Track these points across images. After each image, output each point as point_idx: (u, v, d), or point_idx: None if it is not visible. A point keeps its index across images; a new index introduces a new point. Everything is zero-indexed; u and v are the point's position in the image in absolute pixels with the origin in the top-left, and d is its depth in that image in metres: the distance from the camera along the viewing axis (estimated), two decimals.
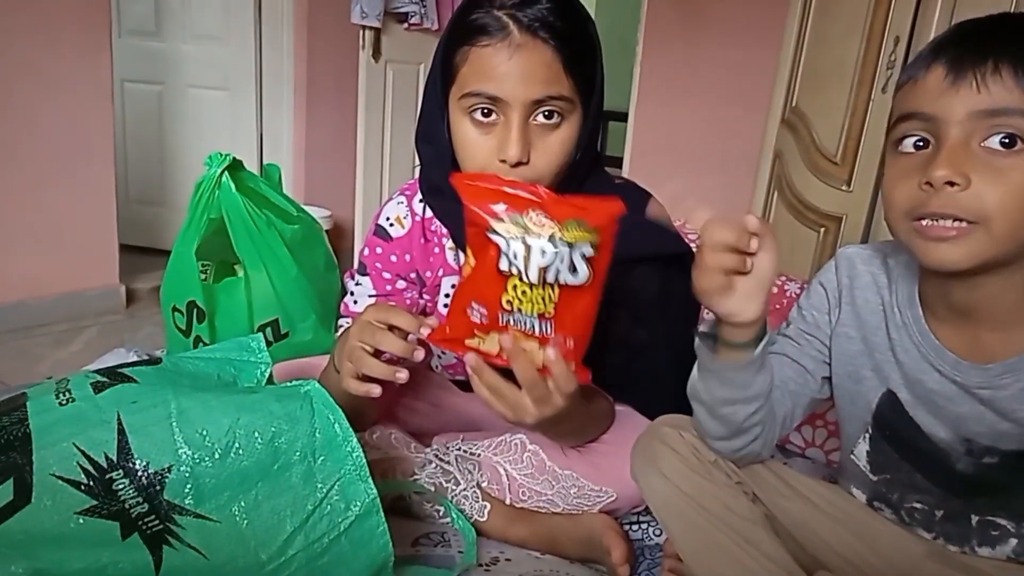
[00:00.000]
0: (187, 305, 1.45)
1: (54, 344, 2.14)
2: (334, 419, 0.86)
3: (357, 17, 2.59)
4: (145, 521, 0.76)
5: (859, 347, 0.91)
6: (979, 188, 0.69)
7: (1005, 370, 0.78)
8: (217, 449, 0.79)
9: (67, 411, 0.79)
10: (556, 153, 0.96)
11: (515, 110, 0.92)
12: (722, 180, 3.02)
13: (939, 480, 0.89)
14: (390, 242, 1.15)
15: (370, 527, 0.86)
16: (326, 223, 2.92)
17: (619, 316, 1.06)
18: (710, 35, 2.95)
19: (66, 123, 2.21)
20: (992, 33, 0.70)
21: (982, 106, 0.69)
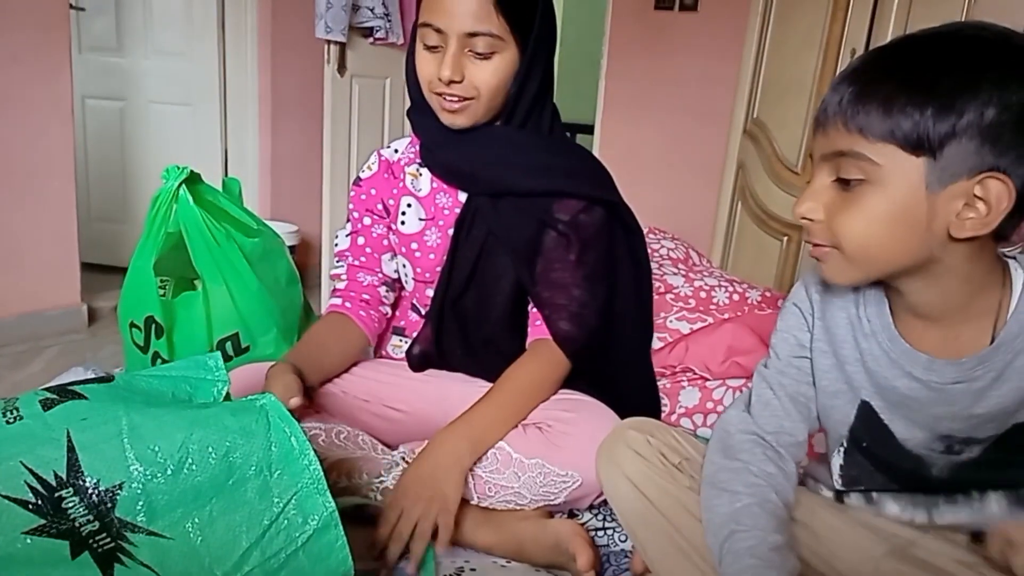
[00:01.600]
0: (145, 321, 1.42)
1: (12, 365, 2.10)
2: (290, 432, 0.84)
3: (322, 32, 2.58)
4: (96, 539, 0.74)
5: (831, 361, 0.93)
6: (826, 224, 0.79)
7: (977, 362, 0.80)
8: (170, 465, 0.77)
9: (14, 429, 0.77)
10: (487, 78, 1.15)
11: (452, 39, 1.12)
12: (687, 191, 3.05)
13: (914, 488, 0.91)
14: (360, 184, 1.36)
15: (329, 541, 0.85)
16: (293, 238, 2.90)
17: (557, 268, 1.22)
18: (672, 49, 2.99)
19: (25, 141, 2.18)
20: (839, 83, 0.77)
21: (825, 149, 0.79)
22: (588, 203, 1.24)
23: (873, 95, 0.73)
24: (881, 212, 0.75)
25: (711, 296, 1.90)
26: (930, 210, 0.73)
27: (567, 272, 1.22)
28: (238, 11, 2.86)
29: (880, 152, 0.73)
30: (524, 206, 1.22)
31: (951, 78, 0.70)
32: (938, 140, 0.70)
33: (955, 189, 0.72)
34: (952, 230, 0.74)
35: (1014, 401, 0.80)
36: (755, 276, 2.40)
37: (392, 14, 2.84)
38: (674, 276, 1.98)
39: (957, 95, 0.69)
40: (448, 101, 1.16)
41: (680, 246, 2.38)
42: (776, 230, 2.55)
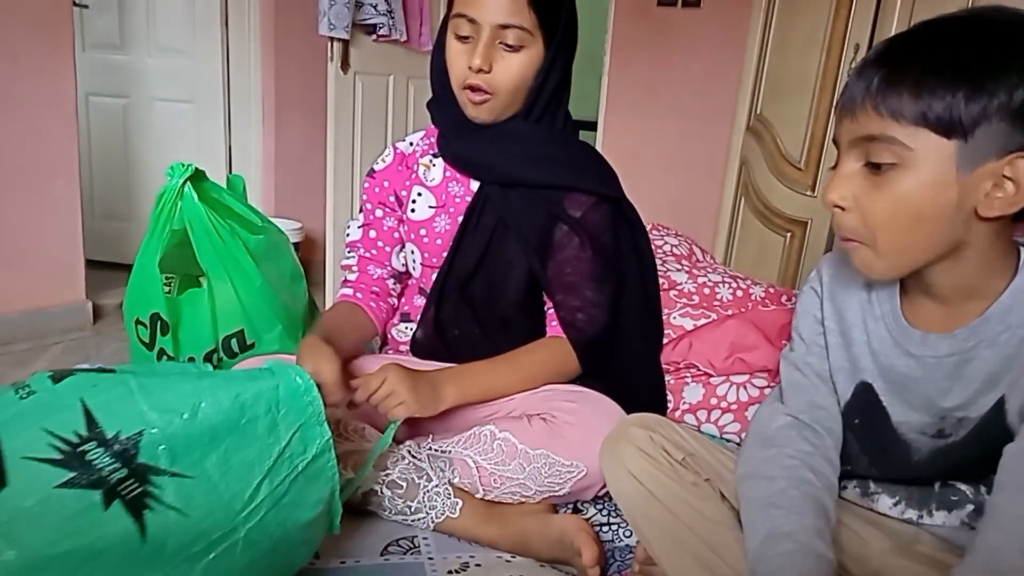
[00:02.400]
0: (151, 317, 1.42)
1: (16, 363, 2.10)
2: (295, 372, 0.93)
3: (325, 29, 2.58)
4: (125, 485, 0.77)
5: (837, 339, 0.95)
6: (857, 212, 0.80)
7: (969, 333, 0.82)
8: (184, 410, 0.82)
9: (28, 403, 0.80)
10: (514, 71, 1.19)
11: (484, 30, 1.17)
12: (690, 187, 3.05)
13: (896, 472, 0.93)
14: (375, 176, 1.39)
15: (322, 463, 0.94)
16: (297, 235, 2.90)
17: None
18: (675, 47, 2.99)
19: (29, 138, 2.18)
20: (866, 68, 0.78)
21: (855, 133, 0.78)
22: (596, 199, 1.27)
23: (904, 78, 0.73)
24: (913, 195, 0.76)
25: (715, 292, 1.90)
26: (960, 191, 0.74)
27: (578, 275, 1.26)
28: (241, 8, 2.86)
29: (912, 135, 0.74)
30: (534, 197, 1.26)
31: (981, 60, 0.71)
32: (970, 122, 0.71)
33: (985, 170, 0.73)
34: (980, 209, 0.75)
35: (1000, 368, 0.81)
36: (758, 272, 2.40)
37: (395, 11, 2.84)
38: (677, 272, 1.98)
39: (987, 77, 0.70)
40: (475, 94, 1.20)
41: (683, 242, 2.38)
42: (779, 226, 2.55)
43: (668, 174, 3.08)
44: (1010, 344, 0.80)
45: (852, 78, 0.79)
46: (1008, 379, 0.81)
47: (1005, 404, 0.82)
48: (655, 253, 2.25)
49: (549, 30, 1.20)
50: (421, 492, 1.14)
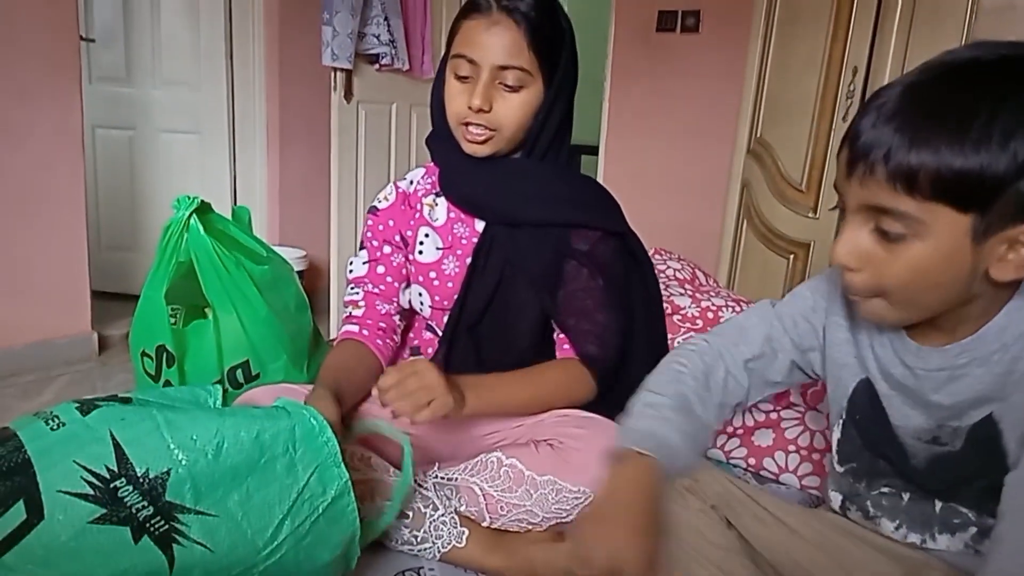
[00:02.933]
0: (156, 349, 1.43)
1: (22, 395, 2.11)
2: (310, 413, 0.95)
3: (328, 59, 2.61)
4: (152, 523, 0.81)
5: (845, 335, 0.95)
6: (868, 274, 0.78)
7: (961, 350, 0.82)
8: (209, 450, 0.85)
9: (60, 434, 0.83)
10: (514, 111, 1.19)
11: (484, 70, 1.16)
12: (692, 211, 3.06)
13: (898, 471, 0.93)
14: (378, 214, 1.37)
15: (342, 506, 0.95)
16: (301, 263, 2.91)
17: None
18: (675, 71, 3.02)
19: (36, 170, 2.20)
20: (877, 130, 0.73)
21: (865, 201, 0.75)
22: (602, 233, 1.28)
23: (922, 149, 0.69)
24: (926, 264, 0.74)
25: (718, 316, 1.90)
26: (974, 258, 0.73)
27: (590, 299, 1.25)
28: (245, 41, 2.90)
29: (927, 210, 0.71)
30: (540, 236, 1.26)
31: (1002, 123, 0.67)
32: (989, 196, 0.69)
33: (1001, 236, 0.72)
34: (993, 272, 0.74)
35: (991, 387, 0.81)
36: (762, 295, 2.39)
37: (398, 41, 2.87)
38: (681, 297, 1.98)
39: (1007, 143, 0.67)
40: (474, 132, 1.20)
41: (686, 266, 2.39)
42: (782, 248, 2.55)
43: (670, 198, 3.10)
44: (1002, 363, 0.80)
45: (862, 127, 0.74)
46: (999, 400, 0.81)
47: (998, 424, 0.81)
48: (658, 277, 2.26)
49: (549, 70, 1.20)
50: (427, 521, 1.14)
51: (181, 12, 2.85)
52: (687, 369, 1.00)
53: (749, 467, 1.57)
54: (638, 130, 3.13)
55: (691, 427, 0.93)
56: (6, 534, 0.75)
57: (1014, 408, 0.80)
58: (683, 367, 1.01)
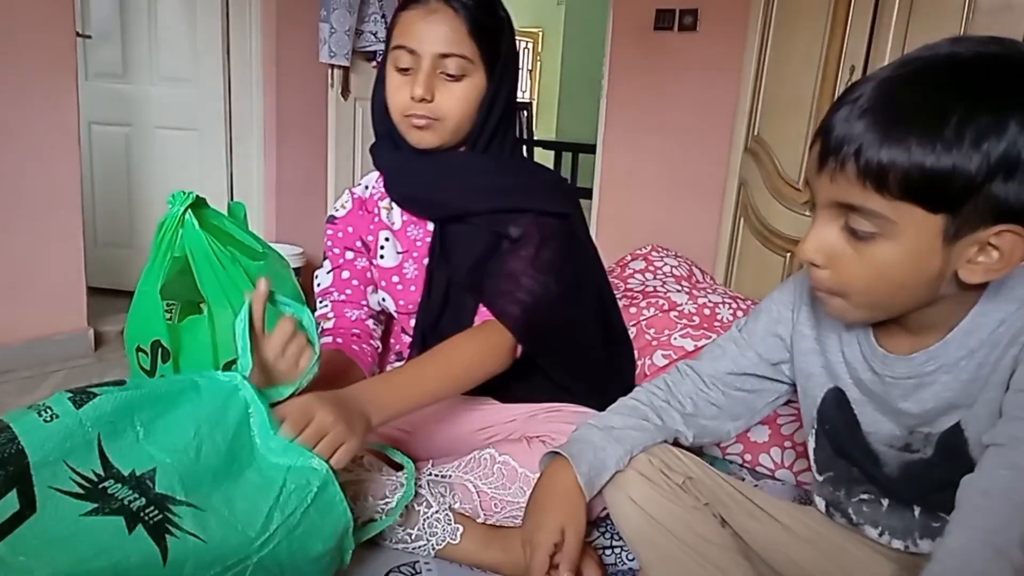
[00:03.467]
0: (152, 345, 1.43)
1: (19, 391, 2.10)
2: (268, 419, 0.95)
3: (326, 56, 2.62)
4: (146, 512, 0.82)
5: (811, 345, 0.95)
6: (834, 271, 0.77)
7: (928, 357, 0.81)
8: (190, 452, 0.87)
9: (53, 427, 0.82)
10: (457, 100, 1.17)
11: (424, 59, 1.15)
12: (689, 208, 3.06)
13: (872, 479, 0.92)
14: (336, 222, 1.37)
15: (330, 496, 0.96)
16: (298, 260, 2.91)
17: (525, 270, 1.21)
18: (672, 69, 3.02)
19: (32, 167, 2.20)
20: (850, 124, 0.71)
21: (834, 197, 0.74)
22: (539, 213, 1.23)
23: (893, 146, 0.68)
24: (894, 264, 0.73)
25: (715, 313, 1.90)
26: (943, 259, 0.72)
27: (517, 263, 1.20)
28: (242, 37, 2.89)
29: (897, 210, 0.70)
30: (478, 223, 1.24)
31: (976, 123, 0.66)
32: (961, 196, 0.67)
33: (971, 238, 0.70)
34: (962, 274, 0.73)
35: (959, 394, 0.80)
36: (759, 292, 2.40)
37: None
38: (678, 293, 1.99)
39: (980, 144, 0.65)
40: (417, 120, 1.18)
41: (683, 263, 2.39)
42: (779, 246, 2.56)
43: (667, 195, 3.10)
44: (968, 370, 0.78)
45: (834, 121, 0.73)
46: (966, 408, 0.80)
47: (964, 432, 0.81)
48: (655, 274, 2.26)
49: (490, 60, 1.19)
50: (421, 519, 1.13)
51: (178, 8, 2.84)
52: (638, 399, 1.06)
53: (745, 463, 1.57)
54: (635, 128, 3.13)
55: (627, 433, 0.99)
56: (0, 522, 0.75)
57: (978, 417, 0.79)
58: (635, 399, 1.06)
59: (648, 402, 1.04)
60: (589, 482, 0.95)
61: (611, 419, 1.02)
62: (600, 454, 0.96)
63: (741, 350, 1.03)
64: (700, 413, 1.04)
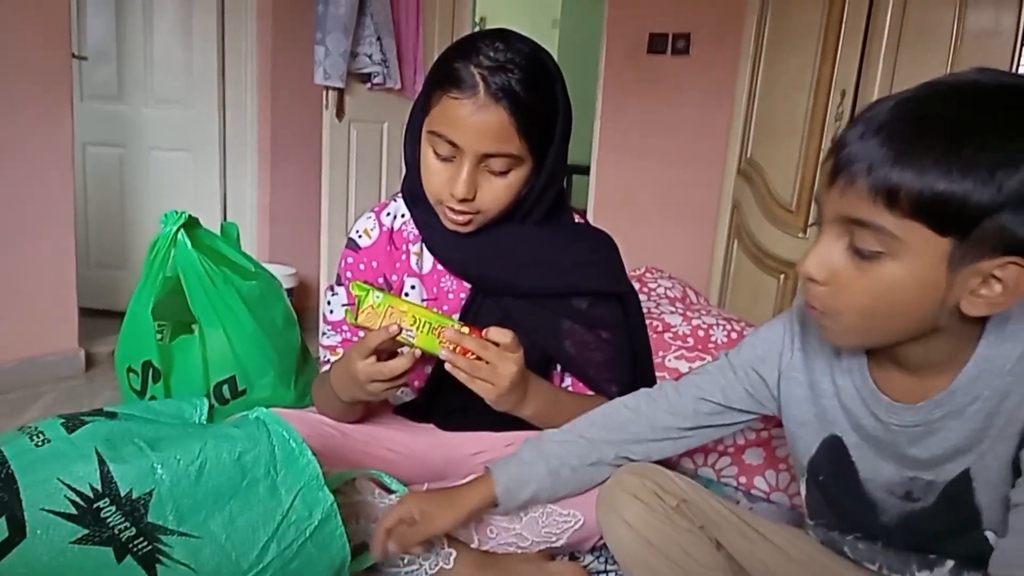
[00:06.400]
0: (142, 365, 1.42)
1: (9, 412, 2.08)
2: (288, 435, 0.93)
3: (320, 78, 2.62)
4: (135, 543, 0.81)
5: (805, 392, 0.92)
6: (832, 290, 0.76)
7: (934, 406, 0.79)
8: (192, 471, 0.85)
9: (45, 451, 0.82)
10: (500, 195, 1.09)
11: (468, 157, 1.05)
12: (683, 230, 3.07)
13: (868, 527, 0.91)
14: (359, 252, 1.25)
15: (330, 530, 0.94)
16: (291, 280, 2.90)
17: (582, 340, 1.20)
18: (665, 93, 3.04)
19: (25, 187, 2.19)
20: (864, 141, 0.71)
21: (843, 212, 0.73)
22: (599, 296, 1.21)
23: (906, 165, 0.67)
24: (896, 286, 0.72)
25: (709, 334, 1.90)
26: (947, 287, 0.71)
27: (599, 351, 1.21)
28: (237, 59, 2.90)
29: (905, 228, 0.69)
30: (533, 304, 1.20)
31: (992, 152, 0.65)
32: (971, 221, 0.67)
33: (976, 267, 0.69)
34: (964, 306, 0.71)
35: (967, 441, 0.79)
36: (752, 314, 2.40)
37: (389, 60, 2.88)
38: (672, 315, 1.98)
39: (995, 172, 0.65)
40: (456, 218, 1.11)
41: (677, 285, 2.39)
42: (772, 268, 2.56)
43: (661, 217, 3.11)
44: (977, 418, 0.77)
45: (848, 138, 0.72)
46: (975, 455, 0.79)
47: (972, 481, 0.79)
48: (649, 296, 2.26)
49: (542, 147, 1.09)
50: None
51: (174, 30, 2.86)
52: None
53: (740, 486, 1.56)
54: (629, 151, 3.15)
55: (563, 458, 1.05)
56: None
57: (988, 468, 0.78)
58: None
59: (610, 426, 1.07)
60: (507, 491, 1.03)
61: (553, 444, 1.08)
62: (525, 470, 1.04)
63: (722, 379, 1.02)
64: (658, 436, 1.05)
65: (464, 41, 1.08)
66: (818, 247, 0.76)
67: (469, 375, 1.03)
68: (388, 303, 1.05)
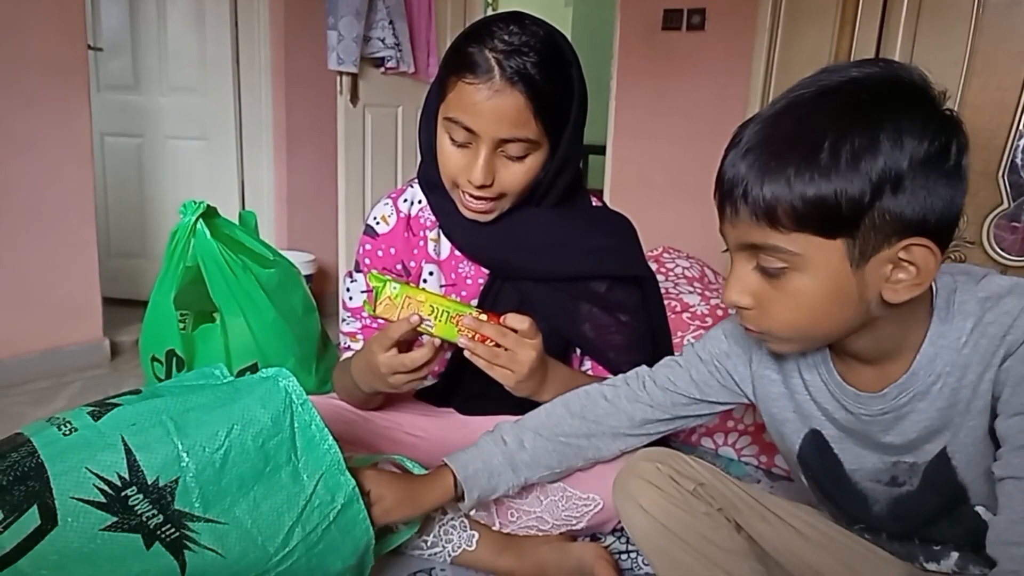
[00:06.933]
0: (166, 354, 1.44)
1: (35, 402, 2.11)
2: (310, 420, 0.94)
3: (334, 63, 2.62)
4: (163, 530, 0.82)
5: (780, 389, 0.93)
6: (760, 311, 0.77)
7: (898, 391, 0.80)
8: (216, 459, 0.86)
9: (73, 440, 0.83)
10: (518, 179, 1.09)
11: (484, 142, 1.04)
12: (700, 209, 3.04)
13: (863, 519, 0.92)
14: (376, 239, 1.26)
15: (353, 514, 0.95)
16: (310, 267, 2.92)
17: (601, 323, 1.20)
18: (680, 70, 3.01)
19: (45, 179, 2.22)
20: (735, 167, 0.73)
21: (739, 239, 0.75)
22: (616, 279, 1.22)
23: (773, 182, 0.69)
24: (811, 294, 0.73)
25: (728, 314, 1.89)
26: (860, 283, 0.71)
27: (619, 335, 1.22)
28: (252, 46, 2.91)
29: (796, 241, 0.70)
30: (552, 288, 1.20)
31: (849, 145, 0.66)
32: (851, 220, 0.67)
33: (880, 258, 0.70)
34: (886, 295, 0.72)
35: (938, 420, 0.79)
36: None
37: (403, 44, 2.88)
38: (690, 295, 1.98)
39: (858, 163, 0.65)
40: (474, 204, 1.10)
41: (695, 264, 2.38)
42: None
43: (677, 196, 3.08)
44: (942, 395, 0.77)
45: (725, 167, 0.74)
46: (949, 433, 0.79)
47: (951, 460, 0.80)
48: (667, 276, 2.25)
49: (558, 128, 1.08)
50: (436, 526, 1.13)
51: (187, 20, 2.86)
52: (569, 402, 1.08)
53: (760, 464, 1.56)
54: (645, 129, 3.12)
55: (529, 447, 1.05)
56: (21, 539, 0.76)
57: (964, 444, 0.78)
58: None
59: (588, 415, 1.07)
60: (470, 478, 1.03)
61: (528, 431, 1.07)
62: (495, 472, 1.04)
63: (694, 372, 1.03)
64: (635, 431, 1.06)
65: (478, 25, 1.07)
66: (733, 275, 0.78)
67: (488, 362, 1.03)
68: (405, 293, 1.05)
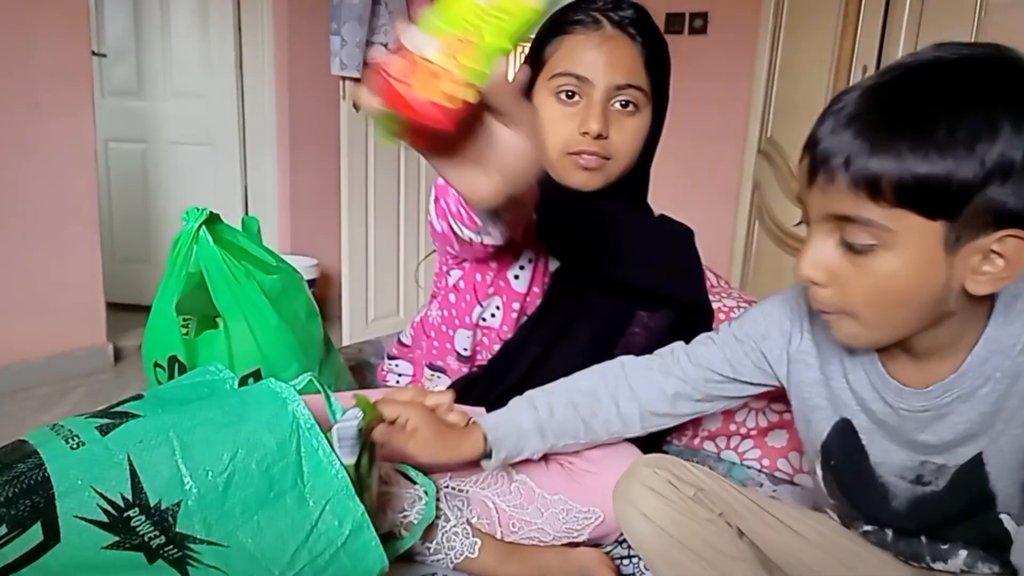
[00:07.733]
0: (168, 360, 1.44)
1: (40, 408, 2.12)
2: (318, 445, 0.91)
3: (337, 68, 2.63)
4: (165, 550, 0.82)
5: (816, 375, 0.91)
6: (835, 290, 0.74)
7: (943, 390, 0.78)
8: (220, 483, 0.85)
9: (80, 455, 0.83)
10: (631, 136, 1.08)
11: (598, 90, 1.04)
12: (704, 211, 3.04)
13: (875, 516, 0.90)
14: None
15: (364, 541, 0.93)
16: (313, 272, 2.93)
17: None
18: (683, 72, 2.98)
19: (50, 184, 2.23)
20: (836, 135, 0.69)
21: (828, 210, 0.71)
22: (668, 309, 1.19)
23: (883, 154, 0.65)
24: (896, 277, 0.70)
25: (730, 316, 1.88)
26: (948, 270, 0.69)
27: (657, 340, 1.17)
28: (255, 52, 2.92)
29: (893, 217, 0.67)
30: (610, 296, 1.18)
31: (967, 126, 0.64)
32: (956, 203, 0.65)
33: (973, 246, 0.68)
34: (969, 286, 0.70)
35: (979, 424, 0.77)
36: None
37: None
38: None
39: (974, 146, 0.63)
40: (588, 158, 1.07)
41: None
42: (795, 248, 2.54)
43: (681, 199, 3.07)
44: (988, 400, 0.76)
45: (820, 133, 0.70)
46: (987, 439, 0.77)
47: (985, 467, 0.78)
48: None
49: (658, 99, 1.09)
50: (439, 532, 1.13)
51: (191, 25, 2.88)
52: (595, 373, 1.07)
53: (763, 468, 1.55)
54: None
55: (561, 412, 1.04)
56: (23, 552, 0.76)
57: (1001, 452, 0.77)
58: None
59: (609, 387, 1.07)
60: (498, 439, 1.02)
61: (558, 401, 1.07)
62: (523, 435, 1.04)
63: (728, 352, 1.00)
64: (664, 410, 1.05)
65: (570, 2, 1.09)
66: (810, 247, 0.74)
67: None
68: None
